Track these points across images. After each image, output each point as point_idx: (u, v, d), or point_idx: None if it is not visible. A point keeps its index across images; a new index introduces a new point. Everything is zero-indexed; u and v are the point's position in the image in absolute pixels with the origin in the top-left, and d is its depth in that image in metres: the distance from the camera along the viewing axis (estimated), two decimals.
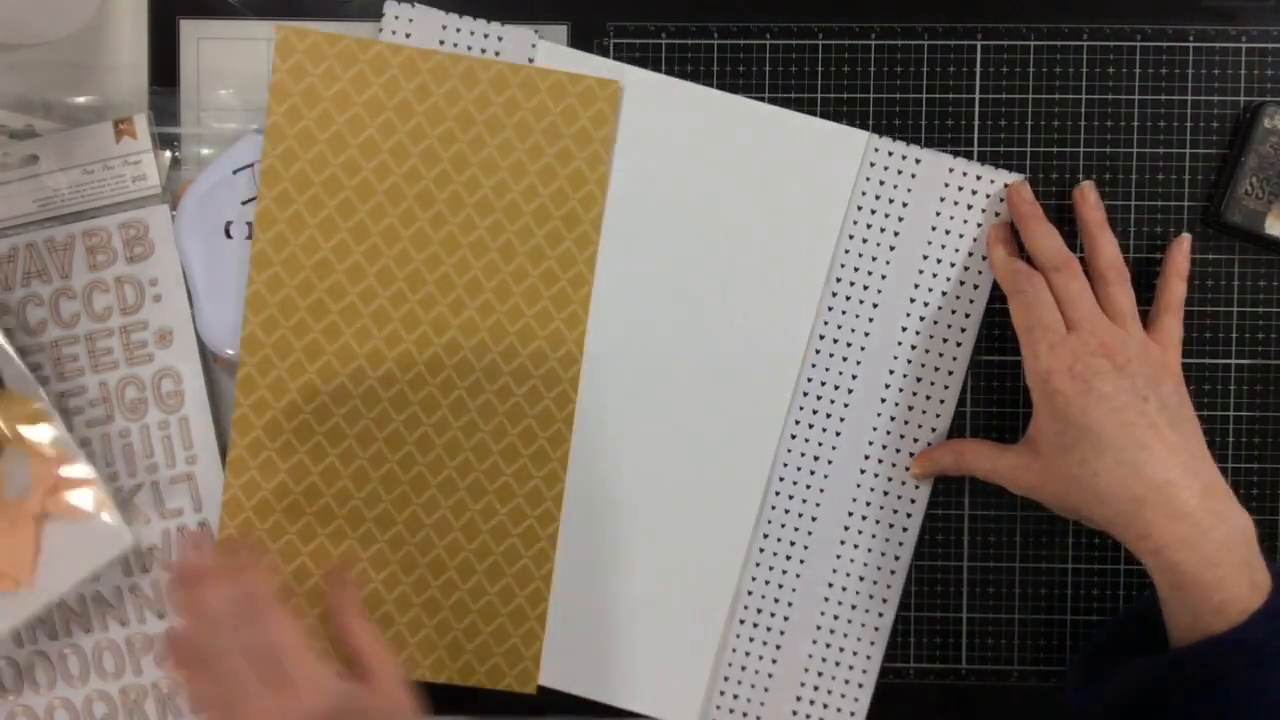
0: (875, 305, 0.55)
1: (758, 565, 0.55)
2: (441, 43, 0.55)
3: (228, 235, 0.55)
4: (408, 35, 0.55)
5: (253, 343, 0.54)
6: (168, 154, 0.56)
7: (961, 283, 0.55)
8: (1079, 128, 0.56)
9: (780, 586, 0.55)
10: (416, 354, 0.55)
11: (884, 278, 0.55)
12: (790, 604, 0.55)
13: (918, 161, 0.55)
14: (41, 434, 0.53)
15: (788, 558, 0.55)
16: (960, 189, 0.55)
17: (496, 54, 0.55)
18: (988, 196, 0.55)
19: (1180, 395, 0.49)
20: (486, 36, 0.55)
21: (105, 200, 0.55)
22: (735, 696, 0.55)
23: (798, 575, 0.55)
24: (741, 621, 0.55)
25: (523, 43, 0.55)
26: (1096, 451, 0.47)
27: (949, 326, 0.55)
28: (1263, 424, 0.56)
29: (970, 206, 0.55)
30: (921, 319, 0.55)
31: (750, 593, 0.55)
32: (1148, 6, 0.56)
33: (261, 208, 0.54)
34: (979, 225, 0.55)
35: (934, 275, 0.55)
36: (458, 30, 0.55)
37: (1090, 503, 0.47)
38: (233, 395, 0.55)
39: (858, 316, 0.55)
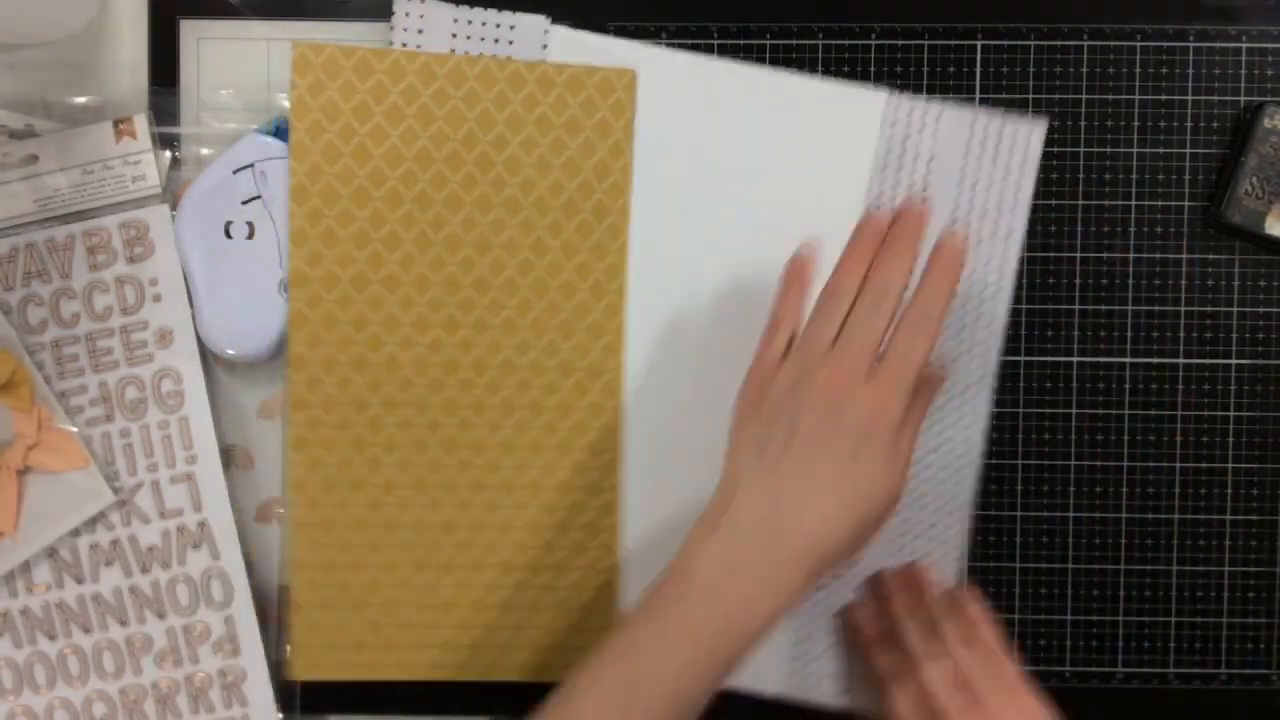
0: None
1: None
2: (454, 35, 0.55)
3: (228, 235, 0.55)
4: (419, 31, 0.55)
5: (299, 361, 0.54)
6: (168, 154, 0.56)
7: (993, 234, 0.55)
8: (1079, 128, 0.56)
9: None
10: (460, 356, 0.55)
11: None
12: None
13: (938, 118, 0.55)
14: (22, 390, 0.54)
15: None
16: (983, 141, 0.55)
17: (510, 43, 0.55)
18: (1011, 148, 0.55)
19: None
20: (499, 26, 0.55)
21: (105, 200, 0.55)
22: None
23: None
24: None
25: (535, 30, 0.55)
26: None
27: (985, 282, 0.55)
28: (1263, 424, 0.56)
29: (995, 160, 0.55)
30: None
31: None
32: (1148, 6, 0.56)
33: (294, 226, 0.54)
34: (1004, 177, 0.55)
35: (968, 227, 0.55)
36: (469, 23, 0.55)
37: None
38: (233, 395, 0.55)
39: None
